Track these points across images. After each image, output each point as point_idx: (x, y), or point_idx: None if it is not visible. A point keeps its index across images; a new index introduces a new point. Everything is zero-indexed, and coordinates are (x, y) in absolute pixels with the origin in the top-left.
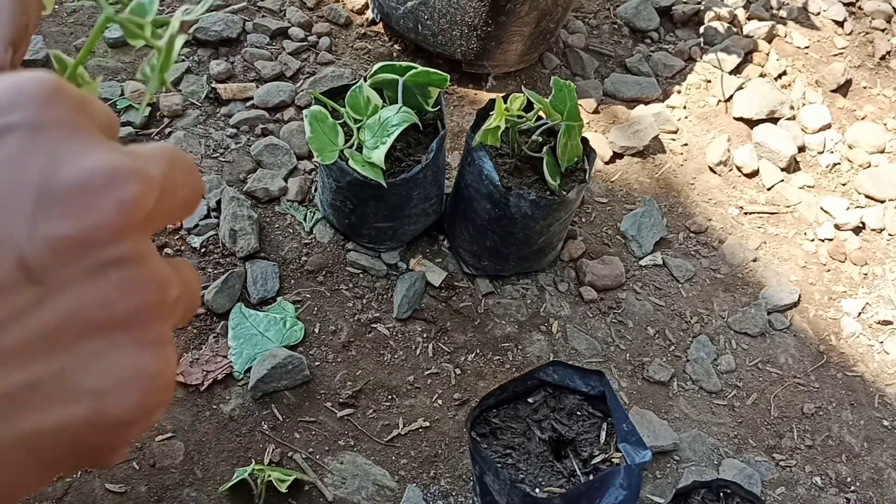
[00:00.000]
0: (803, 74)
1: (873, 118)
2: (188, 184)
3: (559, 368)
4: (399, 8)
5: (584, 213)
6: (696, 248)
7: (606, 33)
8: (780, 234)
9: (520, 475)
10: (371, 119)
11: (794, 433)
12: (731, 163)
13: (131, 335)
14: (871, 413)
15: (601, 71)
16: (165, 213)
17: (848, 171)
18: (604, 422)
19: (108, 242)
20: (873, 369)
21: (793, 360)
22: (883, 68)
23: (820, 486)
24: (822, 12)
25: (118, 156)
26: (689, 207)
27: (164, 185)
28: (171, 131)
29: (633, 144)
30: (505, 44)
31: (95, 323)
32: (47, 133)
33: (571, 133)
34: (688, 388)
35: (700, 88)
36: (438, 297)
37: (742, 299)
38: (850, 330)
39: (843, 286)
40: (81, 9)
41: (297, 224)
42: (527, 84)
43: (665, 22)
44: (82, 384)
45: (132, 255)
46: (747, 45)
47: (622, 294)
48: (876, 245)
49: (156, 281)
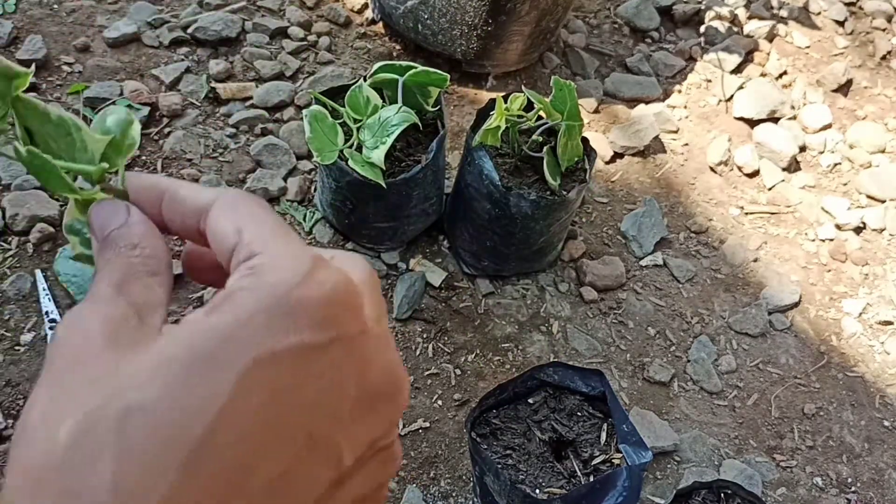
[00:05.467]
0: (804, 74)
1: (874, 118)
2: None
3: (559, 369)
4: (399, 7)
5: (584, 213)
6: (696, 249)
7: (607, 33)
8: (781, 235)
9: (520, 476)
10: (371, 119)
11: (795, 434)
12: (732, 163)
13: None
14: (872, 413)
15: (601, 70)
16: None
17: (849, 171)
18: (604, 422)
19: (386, 436)
20: (874, 370)
21: (793, 360)
22: (884, 68)
23: (821, 486)
24: (822, 12)
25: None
26: (689, 207)
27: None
28: (171, 131)
29: (634, 144)
30: (505, 43)
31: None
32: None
33: (572, 133)
34: (688, 389)
35: (701, 88)
36: (438, 297)
37: (743, 299)
38: (851, 330)
39: (843, 286)
40: (80, 8)
41: (296, 224)
42: (527, 84)
43: (666, 21)
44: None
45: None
46: (748, 44)
47: (623, 294)
48: (877, 245)
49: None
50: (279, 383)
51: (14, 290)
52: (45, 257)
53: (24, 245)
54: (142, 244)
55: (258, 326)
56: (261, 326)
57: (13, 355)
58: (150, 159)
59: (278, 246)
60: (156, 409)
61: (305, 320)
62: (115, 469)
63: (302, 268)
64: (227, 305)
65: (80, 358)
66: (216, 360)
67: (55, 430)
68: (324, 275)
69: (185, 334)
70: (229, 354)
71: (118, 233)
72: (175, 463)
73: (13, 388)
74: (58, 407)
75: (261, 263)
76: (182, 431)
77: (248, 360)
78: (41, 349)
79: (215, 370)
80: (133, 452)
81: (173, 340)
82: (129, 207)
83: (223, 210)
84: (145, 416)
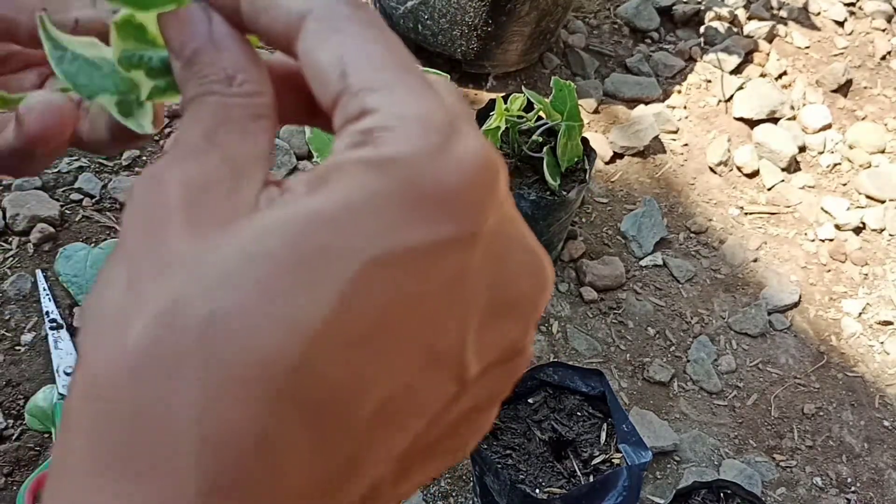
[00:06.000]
0: (804, 74)
1: (874, 118)
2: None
3: (559, 369)
4: (399, 8)
5: (584, 214)
6: (696, 249)
7: (607, 33)
8: (781, 235)
9: (520, 476)
10: None
11: (795, 434)
12: (732, 163)
13: (498, 402)
14: (872, 413)
15: (601, 71)
16: None
17: (848, 172)
18: (604, 422)
19: (519, 342)
20: (874, 370)
21: (793, 360)
22: (883, 68)
23: (820, 486)
24: (822, 12)
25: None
26: (689, 207)
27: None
28: (171, 131)
29: (634, 144)
30: (505, 44)
31: (486, 405)
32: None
33: (572, 133)
34: (688, 389)
35: (700, 88)
36: None
37: (742, 300)
38: (851, 330)
39: (843, 286)
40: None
41: None
42: (527, 84)
43: (665, 22)
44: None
45: (526, 347)
46: (748, 45)
47: (622, 294)
48: (876, 245)
49: (530, 358)
50: (399, 291)
51: (14, 290)
52: (45, 257)
53: (24, 245)
54: (239, 76)
55: (377, 217)
56: (381, 217)
57: (13, 355)
58: (150, 160)
59: (401, 100)
60: (247, 320)
61: (439, 210)
62: (198, 396)
63: (435, 137)
64: (336, 184)
65: (154, 231)
66: (322, 261)
67: (121, 332)
68: (463, 147)
69: (284, 219)
70: (339, 253)
71: (204, 54)
72: (273, 391)
73: (13, 388)
74: (125, 300)
75: (378, 127)
76: (280, 351)
77: (364, 261)
78: (41, 349)
79: (320, 274)
80: (221, 377)
81: (270, 226)
82: (208, 12)
83: (321, 32)
84: (232, 326)
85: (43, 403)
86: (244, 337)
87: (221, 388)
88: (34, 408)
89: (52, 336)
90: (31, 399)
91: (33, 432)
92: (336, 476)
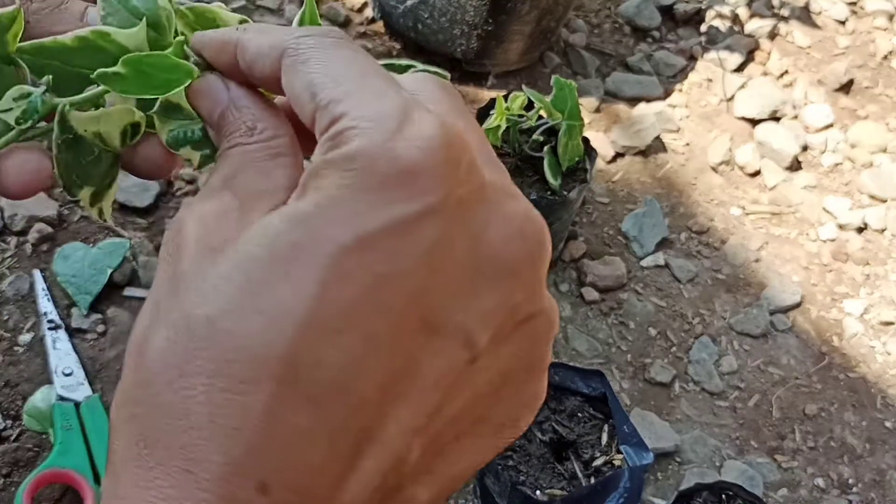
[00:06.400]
0: (805, 74)
1: (875, 118)
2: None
3: (560, 369)
4: (399, 7)
5: (584, 214)
6: (697, 249)
7: (608, 32)
8: (783, 235)
9: (521, 477)
10: None
11: (797, 434)
12: (733, 162)
13: (535, 371)
14: (874, 414)
15: (602, 70)
16: None
17: (850, 171)
18: (605, 423)
19: (527, 303)
20: (876, 370)
21: (795, 361)
22: (885, 68)
23: (822, 487)
24: (823, 11)
25: (527, 210)
26: (690, 207)
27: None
28: None
29: (635, 144)
30: (506, 42)
31: (513, 373)
32: (469, 203)
33: (572, 132)
34: (689, 390)
35: (702, 87)
36: None
37: (744, 300)
38: (853, 331)
39: (845, 287)
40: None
41: None
42: (527, 83)
43: (667, 21)
44: (497, 417)
45: (540, 308)
46: (749, 44)
47: (623, 295)
48: (878, 245)
49: (554, 321)
50: (375, 271)
51: (13, 290)
52: (43, 258)
53: (22, 245)
54: (259, 125)
55: (343, 207)
56: (347, 207)
57: (12, 356)
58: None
59: (360, 102)
60: (238, 316)
61: (397, 189)
62: (207, 390)
63: (388, 124)
64: (310, 187)
65: (173, 262)
66: (297, 254)
67: (144, 348)
68: (417, 129)
69: (265, 225)
70: (312, 246)
71: (228, 115)
72: (270, 376)
73: (12, 389)
74: (149, 321)
75: (343, 129)
76: (270, 340)
77: (333, 248)
78: (39, 350)
79: (297, 266)
80: (223, 370)
81: (254, 234)
82: (222, 80)
83: (293, 66)
84: (227, 324)
85: (41, 404)
86: (237, 331)
87: (225, 380)
88: (32, 408)
89: (50, 336)
90: (29, 400)
91: (31, 433)
92: (351, 449)
